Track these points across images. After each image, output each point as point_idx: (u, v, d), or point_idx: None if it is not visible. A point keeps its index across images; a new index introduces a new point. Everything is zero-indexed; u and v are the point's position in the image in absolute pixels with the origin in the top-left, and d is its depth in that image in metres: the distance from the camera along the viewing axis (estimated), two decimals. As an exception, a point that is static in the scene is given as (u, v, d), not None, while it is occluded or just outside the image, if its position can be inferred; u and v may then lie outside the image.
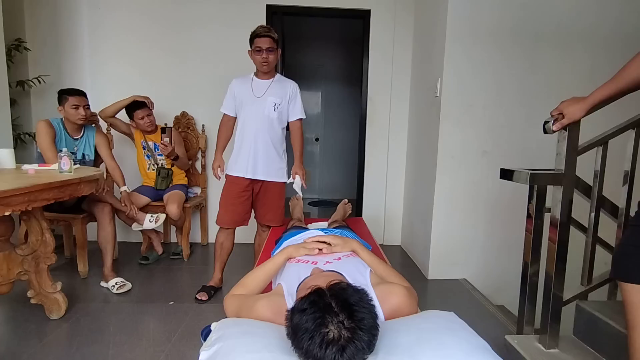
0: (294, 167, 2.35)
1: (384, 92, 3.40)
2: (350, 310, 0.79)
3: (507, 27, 2.57)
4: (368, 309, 0.82)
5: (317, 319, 0.78)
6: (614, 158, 1.56)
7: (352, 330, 0.77)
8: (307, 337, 0.77)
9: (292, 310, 0.84)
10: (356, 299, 0.82)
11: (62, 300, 2.03)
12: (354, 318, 0.79)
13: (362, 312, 0.80)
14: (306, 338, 0.77)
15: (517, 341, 1.54)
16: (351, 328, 0.78)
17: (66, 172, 1.98)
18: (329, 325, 0.77)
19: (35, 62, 3.17)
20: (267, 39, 2.16)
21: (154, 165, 2.90)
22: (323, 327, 0.77)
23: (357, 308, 0.80)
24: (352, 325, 0.78)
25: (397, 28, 3.31)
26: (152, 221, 2.67)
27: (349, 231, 1.89)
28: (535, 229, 1.55)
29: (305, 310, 0.80)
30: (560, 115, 1.35)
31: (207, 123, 3.21)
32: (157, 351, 1.76)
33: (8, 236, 1.92)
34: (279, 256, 1.32)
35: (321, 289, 0.85)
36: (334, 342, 0.76)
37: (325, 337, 0.76)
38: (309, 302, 0.81)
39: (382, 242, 3.51)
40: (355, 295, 0.84)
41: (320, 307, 0.79)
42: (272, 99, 2.23)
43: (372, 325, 0.81)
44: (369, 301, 0.85)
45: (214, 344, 0.87)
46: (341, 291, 0.83)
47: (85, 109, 2.47)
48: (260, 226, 2.47)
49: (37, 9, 3.15)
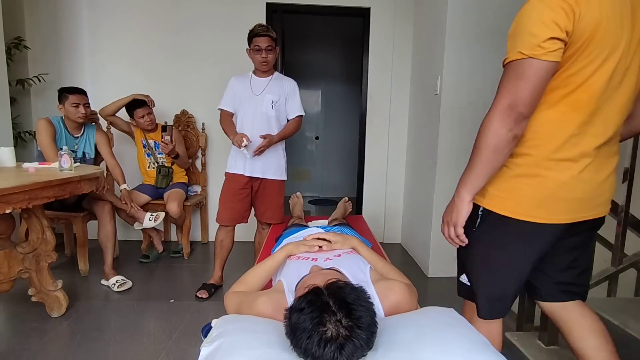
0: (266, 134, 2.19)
1: (383, 90, 3.40)
2: (348, 308, 0.80)
3: (507, 24, 2.55)
4: (366, 306, 0.82)
5: (315, 319, 0.78)
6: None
7: (350, 328, 0.78)
8: (305, 336, 0.78)
9: (290, 310, 0.84)
10: (354, 297, 0.82)
11: (62, 298, 2.03)
12: (351, 316, 0.79)
13: (360, 310, 0.80)
14: (304, 337, 0.78)
15: (517, 338, 1.55)
16: (349, 326, 0.78)
17: (66, 170, 1.99)
18: (327, 324, 0.77)
19: (35, 60, 3.17)
20: (266, 38, 2.16)
21: (154, 163, 2.90)
22: (321, 326, 0.77)
23: (354, 307, 0.80)
24: (350, 324, 0.78)
25: (397, 26, 3.31)
26: (151, 219, 2.67)
27: (350, 229, 1.89)
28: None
29: (303, 309, 0.80)
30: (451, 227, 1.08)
31: (207, 121, 3.21)
32: (158, 349, 1.76)
33: (9, 234, 1.93)
34: (279, 253, 1.33)
35: (319, 287, 0.85)
36: (332, 340, 0.77)
37: (323, 336, 0.77)
38: (306, 301, 0.82)
39: (382, 240, 3.51)
40: (352, 293, 0.84)
41: (317, 306, 0.80)
42: (269, 97, 2.24)
43: (370, 323, 0.81)
44: (367, 299, 0.85)
45: (215, 340, 0.88)
46: (339, 290, 0.84)
47: (86, 107, 2.47)
48: (260, 224, 2.47)
49: (37, 7, 3.14)
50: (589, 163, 0.97)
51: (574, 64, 0.90)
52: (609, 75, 0.91)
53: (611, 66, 0.90)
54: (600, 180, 1.01)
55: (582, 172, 0.97)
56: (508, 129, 0.92)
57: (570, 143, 0.96)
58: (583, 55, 0.89)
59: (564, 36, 0.86)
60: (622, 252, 1.64)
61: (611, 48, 0.89)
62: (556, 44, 0.86)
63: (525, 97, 0.90)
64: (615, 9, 0.88)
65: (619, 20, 0.88)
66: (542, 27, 0.86)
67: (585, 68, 0.90)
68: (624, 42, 0.90)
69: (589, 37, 0.87)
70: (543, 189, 0.98)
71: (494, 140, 0.94)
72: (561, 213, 1.00)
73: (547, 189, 0.98)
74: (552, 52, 0.87)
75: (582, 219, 1.02)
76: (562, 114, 0.95)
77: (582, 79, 0.91)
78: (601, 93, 0.92)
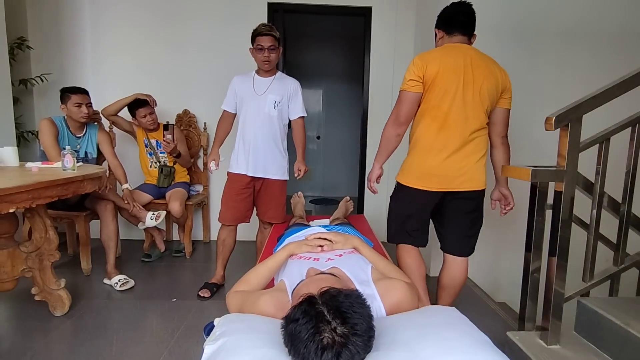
0: (296, 163, 2.36)
1: (385, 90, 3.39)
2: (343, 316, 0.80)
3: (508, 24, 2.56)
4: (360, 312, 0.82)
5: (311, 329, 0.78)
6: (616, 154, 1.56)
7: (346, 336, 0.78)
8: (302, 346, 0.78)
9: (285, 319, 0.84)
10: (347, 305, 0.82)
11: (65, 297, 2.04)
12: (346, 324, 0.79)
13: (354, 317, 0.80)
14: (301, 347, 0.78)
15: (518, 337, 1.54)
16: (344, 334, 0.78)
17: (69, 170, 1.99)
18: (323, 333, 0.78)
19: (38, 60, 3.18)
20: (269, 37, 2.16)
21: (156, 163, 2.91)
22: (317, 335, 0.78)
23: (349, 314, 0.80)
24: (345, 331, 0.78)
25: (399, 25, 3.30)
26: (152, 219, 2.68)
27: (351, 228, 1.90)
28: (537, 226, 1.56)
29: (297, 320, 0.81)
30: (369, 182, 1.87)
31: (209, 121, 3.22)
32: (160, 348, 1.77)
33: (12, 233, 1.93)
34: (281, 253, 1.33)
35: (313, 296, 0.85)
36: (328, 349, 0.77)
37: (319, 345, 0.77)
38: (300, 311, 0.82)
39: (384, 240, 3.50)
40: (346, 300, 0.83)
41: (312, 316, 0.80)
42: (272, 97, 2.24)
43: (366, 328, 0.81)
44: (362, 304, 0.85)
45: (219, 339, 0.88)
46: (332, 298, 0.84)
47: (88, 106, 2.47)
48: (262, 223, 2.48)
49: (39, 7, 3.15)
50: (451, 153, 1.60)
51: (429, 95, 1.60)
52: (449, 102, 1.58)
53: (451, 97, 1.57)
54: (461, 166, 1.62)
55: (446, 159, 1.61)
56: (395, 131, 1.69)
57: (437, 141, 1.61)
58: (432, 90, 1.59)
59: (419, 79, 1.59)
60: (624, 252, 1.63)
61: (448, 87, 1.57)
62: (416, 83, 1.60)
63: (403, 113, 1.65)
64: (450, 65, 1.56)
65: (453, 72, 1.56)
66: (409, 75, 1.61)
67: (435, 97, 1.59)
68: (458, 84, 1.57)
69: (433, 80, 1.57)
70: (422, 168, 1.65)
71: (387, 137, 1.71)
72: (433, 184, 1.65)
73: (425, 169, 1.65)
74: (413, 87, 1.61)
75: (450, 190, 1.65)
76: (428, 124, 1.63)
77: (435, 103, 1.60)
78: (447, 111, 1.59)
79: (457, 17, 1.64)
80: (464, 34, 1.64)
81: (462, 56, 1.57)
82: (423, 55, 1.61)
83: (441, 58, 1.57)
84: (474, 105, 1.58)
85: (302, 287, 1.00)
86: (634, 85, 1.42)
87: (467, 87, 1.56)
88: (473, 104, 1.58)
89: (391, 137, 1.68)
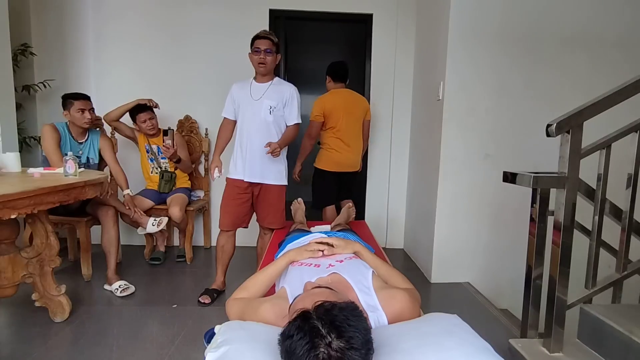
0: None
1: (386, 96, 3.41)
2: (338, 330, 0.78)
3: (509, 30, 2.57)
4: (355, 326, 0.81)
5: (305, 345, 0.77)
6: (618, 161, 1.56)
7: (342, 350, 0.77)
8: None
9: (281, 335, 0.83)
10: (342, 318, 0.81)
11: (66, 303, 2.04)
12: (342, 338, 0.78)
13: (350, 330, 0.79)
14: None
15: (521, 345, 1.53)
16: (340, 349, 0.77)
17: (71, 176, 2.00)
18: (318, 348, 0.76)
19: (41, 66, 3.20)
20: (266, 40, 2.18)
21: (157, 168, 2.92)
22: (312, 351, 0.76)
23: (344, 328, 0.79)
24: (341, 345, 0.77)
25: (399, 32, 3.33)
26: (154, 224, 2.68)
27: (352, 234, 1.89)
28: (539, 232, 1.55)
29: (292, 336, 0.79)
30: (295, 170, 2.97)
31: (210, 127, 3.23)
32: (161, 354, 1.76)
33: (13, 239, 1.93)
34: (281, 260, 1.33)
35: (307, 311, 0.84)
36: None
37: None
38: (295, 327, 0.81)
39: (385, 246, 3.50)
40: (340, 314, 0.82)
41: (307, 331, 0.78)
42: (267, 102, 2.24)
43: (363, 342, 0.80)
44: (358, 316, 0.84)
45: (220, 346, 0.88)
46: (326, 312, 0.82)
47: (91, 112, 2.49)
48: (262, 229, 2.48)
49: (43, 14, 3.18)
50: (347, 151, 2.80)
51: (329, 121, 2.76)
52: (340, 122, 2.76)
53: (340, 119, 2.75)
54: (352, 157, 2.85)
55: (344, 154, 2.80)
56: (309, 142, 2.83)
57: (336, 144, 2.79)
58: (330, 119, 2.76)
59: (321, 113, 2.75)
60: (626, 259, 1.63)
61: (338, 114, 2.75)
62: (319, 116, 2.75)
63: (314, 132, 2.80)
64: (340, 104, 2.77)
65: (342, 108, 2.77)
66: (315, 110, 2.77)
67: (332, 122, 2.76)
68: (343, 112, 2.77)
69: (330, 113, 2.75)
70: (330, 158, 2.82)
71: (305, 146, 2.84)
72: (335, 167, 2.83)
73: (332, 158, 2.81)
74: (317, 117, 2.75)
75: (345, 171, 2.86)
76: (330, 136, 2.80)
77: (332, 125, 2.77)
78: (340, 128, 2.77)
79: (339, 72, 2.87)
80: (342, 81, 2.87)
81: (343, 96, 2.82)
82: (321, 98, 2.79)
83: (332, 99, 2.79)
84: (354, 122, 2.82)
85: (298, 302, 0.99)
86: (635, 92, 1.43)
87: (348, 113, 2.77)
88: (353, 122, 2.82)
89: (308, 144, 2.83)
